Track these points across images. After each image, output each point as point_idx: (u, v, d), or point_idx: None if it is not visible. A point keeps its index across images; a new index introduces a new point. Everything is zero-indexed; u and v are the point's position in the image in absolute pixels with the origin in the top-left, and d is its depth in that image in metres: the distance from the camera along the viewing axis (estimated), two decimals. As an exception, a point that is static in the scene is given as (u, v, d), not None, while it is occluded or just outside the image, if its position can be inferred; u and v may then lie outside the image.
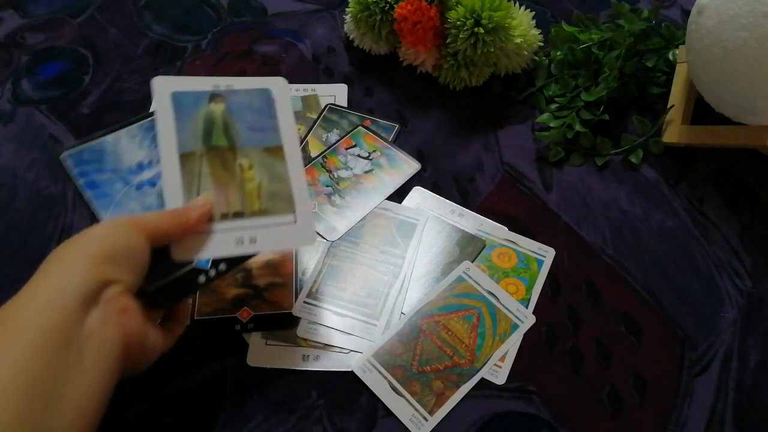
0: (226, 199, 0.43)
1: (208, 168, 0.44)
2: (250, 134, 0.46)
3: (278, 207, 0.44)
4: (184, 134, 0.44)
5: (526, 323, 0.52)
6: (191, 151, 0.43)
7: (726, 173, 0.63)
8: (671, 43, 0.69)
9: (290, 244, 0.45)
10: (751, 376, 0.50)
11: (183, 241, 0.41)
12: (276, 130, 0.47)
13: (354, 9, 0.68)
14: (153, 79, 0.44)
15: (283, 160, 0.46)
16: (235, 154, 0.45)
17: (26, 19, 0.76)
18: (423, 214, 0.57)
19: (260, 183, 0.44)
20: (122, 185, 0.44)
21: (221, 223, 0.42)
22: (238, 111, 0.46)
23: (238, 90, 0.47)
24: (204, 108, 0.45)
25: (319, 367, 0.49)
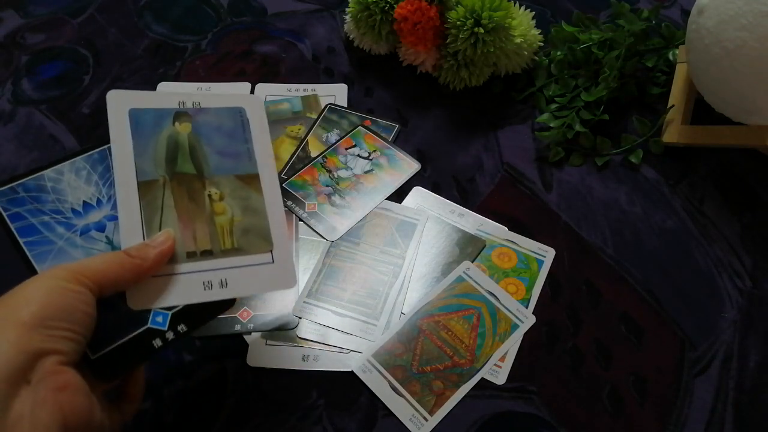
0: (193, 235, 0.38)
1: (172, 199, 0.38)
2: (220, 160, 0.40)
3: (253, 245, 0.39)
4: (143, 159, 0.38)
5: (526, 323, 0.52)
6: (152, 179, 0.38)
7: (726, 173, 0.63)
8: (671, 43, 0.69)
9: (267, 287, 0.40)
10: (751, 376, 0.50)
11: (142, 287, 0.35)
12: (250, 155, 0.41)
13: (354, 9, 0.68)
14: (108, 94, 0.39)
15: (259, 190, 0.41)
16: (204, 182, 0.39)
17: (26, 19, 0.76)
18: (423, 214, 0.57)
19: (232, 217, 0.39)
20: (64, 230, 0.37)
21: (186, 264, 0.37)
22: (206, 133, 0.40)
23: (206, 108, 0.41)
24: (167, 129, 0.39)
25: (319, 367, 0.49)
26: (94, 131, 0.65)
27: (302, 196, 0.58)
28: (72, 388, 0.29)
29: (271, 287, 0.40)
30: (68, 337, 0.29)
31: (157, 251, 0.35)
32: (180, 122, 0.40)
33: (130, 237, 0.36)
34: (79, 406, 0.29)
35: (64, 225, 0.37)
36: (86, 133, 0.64)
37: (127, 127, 0.38)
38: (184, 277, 0.37)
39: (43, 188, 0.38)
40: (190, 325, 0.39)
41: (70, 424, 0.28)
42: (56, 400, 0.28)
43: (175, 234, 0.37)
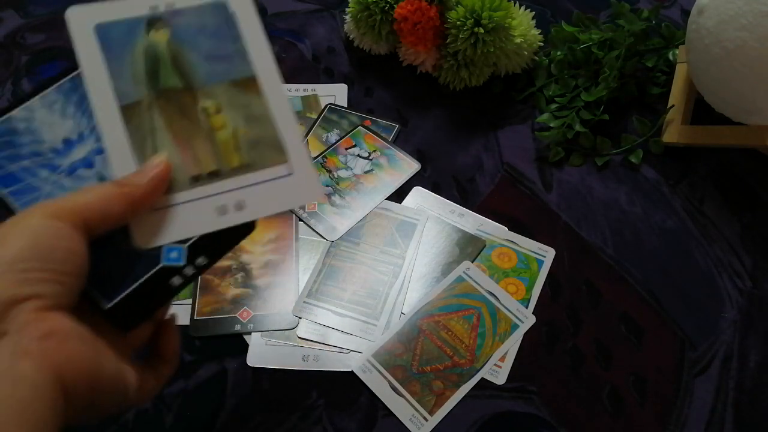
0: (194, 156, 0.33)
1: (162, 119, 0.33)
2: (209, 66, 0.35)
3: (266, 157, 0.34)
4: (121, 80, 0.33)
5: (526, 323, 0.52)
6: (135, 101, 0.33)
7: (726, 173, 0.63)
8: (671, 43, 0.69)
9: (290, 203, 0.34)
10: (751, 376, 0.50)
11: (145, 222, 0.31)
12: (243, 55, 0.36)
13: (354, 9, 0.68)
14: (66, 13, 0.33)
15: (261, 94, 0.35)
16: (195, 95, 0.34)
17: (26, 19, 0.76)
18: (423, 214, 0.57)
19: (236, 129, 0.34)
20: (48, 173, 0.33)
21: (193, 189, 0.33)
22: (188, 38, 0.35)
23: (183, 9, 0.36)
24: (142, 40, 0.34)
25: (319, 367, 0.49)
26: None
27: (302, 196, 0.58)
28: (60, 334, 0.25)
29: (295, 202, 0.35)
30: (48, 278, 0.25)
31: (150, 176, 0.30)
32: (156, 30, 0.35)
33: (121, 169, 0.32)
34: (74, 354, 0.25)
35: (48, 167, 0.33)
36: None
37: (95, 46, 0.33)
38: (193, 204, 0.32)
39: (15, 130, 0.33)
40: (210, 256, 0.34)
41: (66, 376, 0.24)
42: (42, 350, 0.24)
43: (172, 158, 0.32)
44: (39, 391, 0.23)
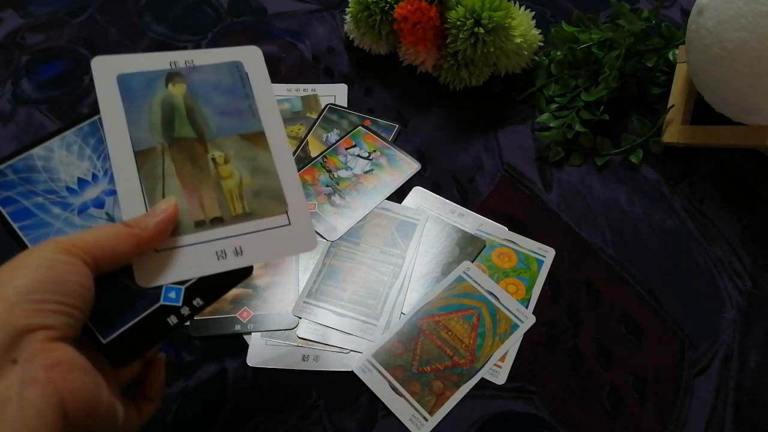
0: (200, 203, 0.35)
1: (173, 166, 0.35)
2: (221, 120, 0.37)
3: (266, 207, 0.36)
4: (138, 127, 0.35)
5: (526, 323, 0.52)
6: (149, 148, 0.35)
7: (726, 173, 0.63)
8: (671, 43, 0.69)
9: (286, 252, 0.37)
10: (751, 376, 0.50)
11: (149, 262, 0.33)
12: (254, 112, 0.39)
13: (354, 9, 0.68)
14: (92, 61, 0.36)
15: (267, 148, 0.38)
16: (206, 146, 0.37)
17: (26, 19, 0.76)
18: (423, 214, 0.57)
19: (241, 179, 0.37)
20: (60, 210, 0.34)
21: (196, 234, 0.34)
22: (203, 92, 0.38)
23: (201, 66, 0.38)
24: (160, 92, 0.37)
25: (319, 367, 0.49)
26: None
27: (302, 196, 0.58)
28: (66, 364, 0.26)
29: (291, 251, 0.37)
30: (59, 310, 0.27)
31: (158, 219, 0.32)
32: (173, 84, 0.37)
33: (131, 211, 0.34)
34: (77, 384, 0.26)
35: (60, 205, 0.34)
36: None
37: (116, 94, 0.36)
38: (195, 247, 0.34)
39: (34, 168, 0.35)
40: (206, 298, 0.36)
41: (68, 404, 0.25)
42: (49, 379, 0.25)
43: (180, 203, 0.34)
44: (44, 417, 0.24)
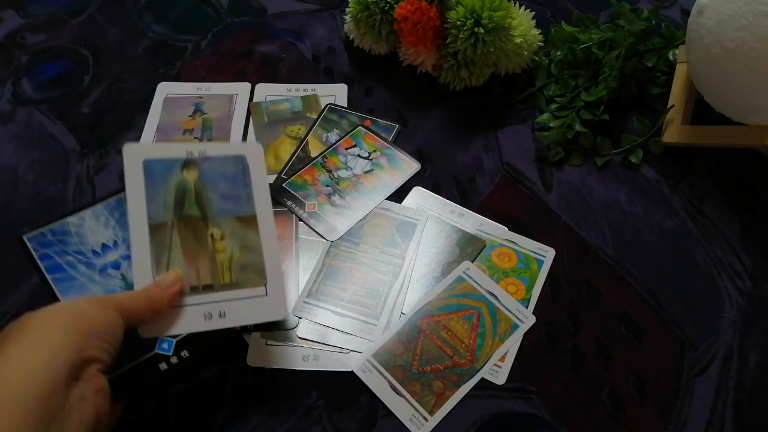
0: (197, 271, 0.42)
1: (179, 239, 0.42)
2: (222, 203, 0.44)
3: (249, 279, 0.43)
4: (154, 204, 0.42)
5: (526, 323, 0.52)
6: (162, 222, 0.42)
7: (726, 173, 0.63)
8: (671, 43, 0.69)
9: (261, 317, 0.43)
10: (751, 376, 0.50)
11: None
12: (249, 198, 0.45)
13: (354, 9, 0.68)
14: (124, 147, 0.43)
15: (256, 230, 0.45)
16: (207, 224, 0.44)
17: (26, 19, 0.76)
18: (423, 214, 0.57)
19: (232, 254, 0.43)
20: (85, 268, 0.43)
21: (190, 297, 0.41)
22: (211, 179, 0.45)
23: (211, 157, 0.45)
24: (176, 176, 0.44)
25: (319, 367, 0.49)
26: (94, 131, 0.65)
27: (302, 196, 0.58)
28: (104, 392, 0.35)
29: (264, 317, 0.43)
30: (107, 349, 0.35)
31: (170, 293, 0.40)
32: (188, 170, 0.44)
33: (141, 273, 0.40)
34: (106, 408, 0.35)
35: (85, 264, 0.43)
36: (86, 133, 0.64)
37: (141, 176, 0.43)
38: (188, 308, 0.41)
39: (68, 232, 0.44)
40: (191, 351, 0.44)
41: (98, 421, 0.34)
42: (94, 400, 0.33)
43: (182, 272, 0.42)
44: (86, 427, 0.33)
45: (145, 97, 0.68)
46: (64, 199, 0.59)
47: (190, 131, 0.64)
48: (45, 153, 0.63)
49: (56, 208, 0.58)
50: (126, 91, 0.68)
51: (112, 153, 0.62)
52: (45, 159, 0.62)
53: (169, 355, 0.43)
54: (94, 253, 0.44)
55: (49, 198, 0.59)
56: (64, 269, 0.42)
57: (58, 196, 0.59)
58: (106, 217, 0.45)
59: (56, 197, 0.59)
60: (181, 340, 0.43)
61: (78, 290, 0.43)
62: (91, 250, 0.44)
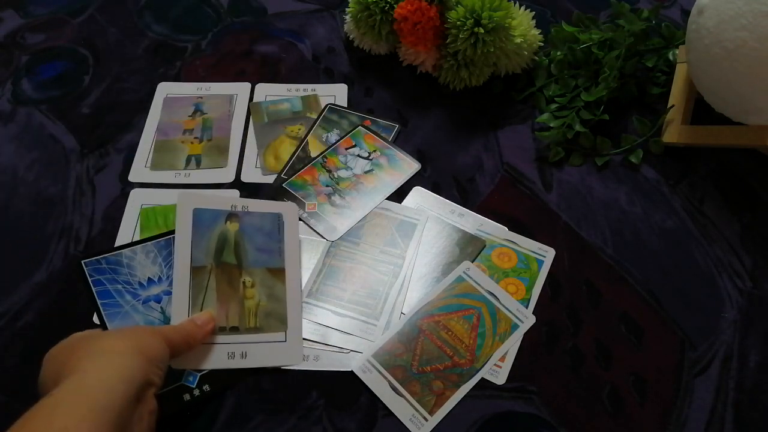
0: (227, 313, 0.47)
1: (215, 283, 0.47)
2: (257, 255, 0.50)
3: (272, 325, 0.48)
4: (198, 249, 0.47)
5: (526, 323, 0.52)
6: (202, 266, 0.47)
7: (726, 173, 0.63)
8: (671, 43, 0.69)
9: (278, 361, 0.48)
10: (751, 376, 0.50)
11: None
12: (281, 253, 0.50)
13: (354, 9, 0.68)
14: (179, 194, 0.49)
15: (283, 281, 0.50)
16: (241, 271, 0.49)
17: (26, 19, 0.76)
18: (423, 214, 0.57)
19: (259, 301, 0.48)
20: (131, 298, 0.47)
21: (218, 336, 0.46)
22: (250, 232, 0.50)
23: (253, 212, 0.51)
24: (220, 226, 0.49)
25: (319, 367, 0.49)
26: (94, 131, 0.65)
27: (302, 196, 0.58)
28: (155, 413, 0.38)
29: (281, 362, 0.48)
30: (161, 375, 0.39)
31: (204, 331, 0.45)
32: (231, 221, 0.50)
33: (179, 309, 0.45)
34: (153, 427, 0.38)
35: (131, 294, 0.47)
36: (86, 133, 0.64)
37: (190, 223, 0.48)
38: (215, 347, 0.45)
39: (120, 263, 0.47)
40: (212, 385, 0.46)
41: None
42: (148, 419, 0.37)
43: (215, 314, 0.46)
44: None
45: (145, 97, 0.68)
46: (64, 199, 0.59)
47: (190, 131, 0.64)
48: (45, 153, 0.63)
49: (56, 208, 0.58)
50: (126, 91, 0.68)
51: (112, 153, 0.62)
52: (45, 159, 0.62)
53: (193, 387, 0.46)
54: (140, 285, 0.47)
55: (49, 198, 0.59)
56: (113, 296, 0.46)
57: (58, 196, 0.59)
58: (155, 254, 0.49)
59: (56, 197, 0.59)
60: (205, 375, 0.47)
61: (122, 317, 0.47)
62: (138, 282, 0.47)
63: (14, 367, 0.48)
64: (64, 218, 0.57)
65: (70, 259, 0.54)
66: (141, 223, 0.56)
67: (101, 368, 0.35)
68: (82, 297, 0.52)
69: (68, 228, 0.57)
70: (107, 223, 0.57)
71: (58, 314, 0.51)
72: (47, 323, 0.51)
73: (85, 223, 0.57)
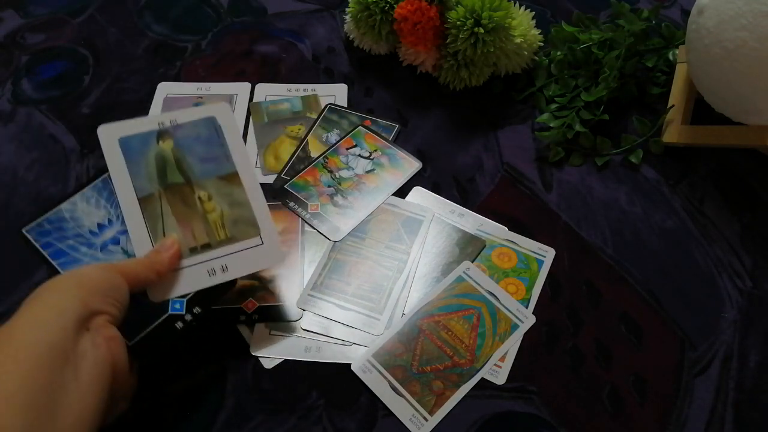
0: (192, 233, 0.45)
1: (169, 207, 0.45)
2: (203, 166, 0.47)
3: (244, 232, 0.46)
4: (139, 178, 0.45)
5: (526, 323, 0.52)
6: (149, 194, 0.45)
7: (726, 173, 0.63)
8: (671, 43, 0.69)
9: (261, 265, 0.47)
10: (751, 376, 0.50)
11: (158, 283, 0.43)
12: (228, 157, 0.47)
13: (354, 9, 0.68)
14: (98, 129, 0.46)
15: (240, 185, 0.47)
16: (192, 188, 0.46)
17: (26, 19, 0.76)
18: (429, 211, 0.57)
19: (222, 212, 0.46)
20: (87, 249, 0.45)
21: (191, 258, 0.44)
22: (187, 145, 0.47)
23: (183, 123, 0.47)
24: (153, 148, 0.46)
25: (321, 358, 0.49)
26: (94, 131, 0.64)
27: (304, 197, 0.58)
28: (117, 339, 0.38)
29: (264, 265, 0.46)
30: (115, 305, 0.38)
31: (169, 254, 0.43)
32: (163, 140, 0.46)
33: (140, 245, 0.44)
34: (122, 355, 0.38)
35: (86, 245, 0.45)
36: (86, 133, 0.64)
37: (119, 154, 0.45)
38: (191, 269, 0.44)
39: (63, 219, 0.46)
40: (203, 306, 0.46)
41: (116, 367, 0.37)
42: (107, 345, 0.36)
43: (177, 235, 0.44)
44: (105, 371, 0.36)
45: (145, 97, 0.68)
46: (64, 199, 0.59)
47: (190, 131, 0.64)
48: (45, 153, 0.63)
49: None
50: (126, 91, 0.68)
51: (112, 153, 0.62)
52: (45, 159, 0.62)
53: (183, 313, 0.45)
54: (91, 233, 0.46)
55: (49, 198, 0.59)
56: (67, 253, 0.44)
57: (58, 196, 0.59)
58: (96, 199, 0.47)
59: (56, 197, 0.59)
60: (191, 299, 0.45)
61: None
62: (88, 231, 0.46)
63: (14, 367, 0.48)
64: (64, 218, 0.57)
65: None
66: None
67: (33, 309, 0.36)
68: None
69: (68, 228, 0.57)
70: (107, 223, 0.57)
71: (59, 314, 0.51)
72: (47, 323, 0.51)
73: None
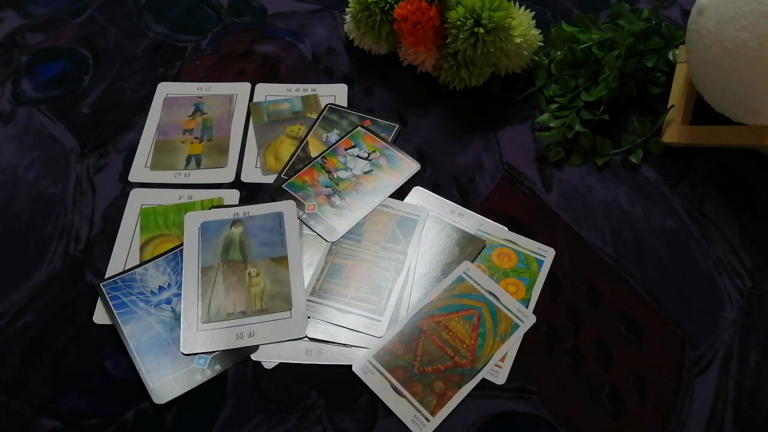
0: (234, 300, 0.51)
1: (222, 277, 0.52)
2: (261, 248, 0.54)
3: (277, 305, 0.51)
4: (206, 253, 0.54)
5: (526, 323, 0.52)
6: (210, 265, 0.53)
7: (726, 173, 0.63)
8: (671, 43, 0.69)
9: (284, 336, 0.50)
10: (751, 376, 0.50)
11: (192, 336, 0.49)
12: (283, 243, 0.55)
13: (354, 9, 0.68)
14: (186, 215, 0.55)
15: (286, 267, 0.53)
16: (246, 264, 0.53)
17: (26, 19, 0.76)
18: (423, 210, 0.57)
19: (264, 287, 0.52)
20: (144, 305, 0.52)
21: (227, 321, 0.50)
22: (253, 231, 0.55)
23: (255, 216, 0.56)
24: (225, 232, 0.55)
25: (322, 360, 0.49)
26: (94, 131, 0.65)
27: (302, 197, 0.58)
28: None
29: (286, 336, 0.50)
30: None
31: None
32: (236, 226, 0.56)
33: (188, 304, 0.51)
34: None
35: (144, 301, 0.52)
36: (86, 133, 0.64)
37: (197, 234, 0.55)
38: (224, 330, 0.50)
39: (134, 279, 0.53)
40: (223, 365, 0.49)
41: None
42: None
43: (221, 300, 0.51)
44: None
45: (145, 97, 0.68)
46: (64, 199, 0.59)
47: (190, 131, 0.64)
48: (45, 153, 0.63)
49: (56, 208, 0.58)
50: (126, 91, 0.68)
51: (112, 153, 0.62)
52: (45, 159, 0.62)
53: (204, 368, 0.49)
54: (152, 293, 0.52)
55: (49, 198, 0.59)
56: (127, 305, 0.51)
57: (58, 196, 0.59)
58: (164, 267, 0.54)
59: (56, 197, 0.59)
60: (215, 356, 0.49)
61: (136, 320, 0.51)
62: (150, 291, 0.52)
63: (14, 367, 0.48)
64: (64, 218, 0.57)
65: (70, 259, 0.54)
66: (141, 223, 0.56)
67: None
68: (82, 297, 0.52)
69: (68, 228, 0.57)
70: (107, 223, 0.57)
71: (58, 314, 0.51)
72: (47, 323, 0.51)
73: (85, 223, 0.57)
